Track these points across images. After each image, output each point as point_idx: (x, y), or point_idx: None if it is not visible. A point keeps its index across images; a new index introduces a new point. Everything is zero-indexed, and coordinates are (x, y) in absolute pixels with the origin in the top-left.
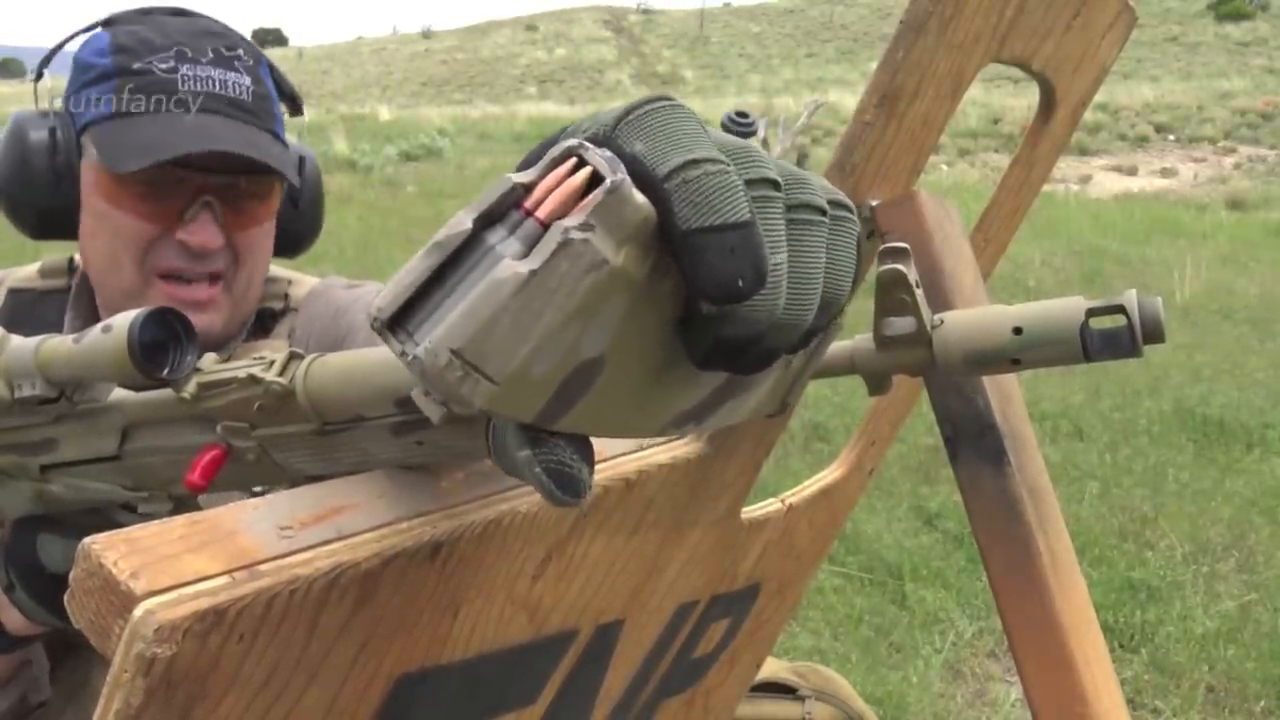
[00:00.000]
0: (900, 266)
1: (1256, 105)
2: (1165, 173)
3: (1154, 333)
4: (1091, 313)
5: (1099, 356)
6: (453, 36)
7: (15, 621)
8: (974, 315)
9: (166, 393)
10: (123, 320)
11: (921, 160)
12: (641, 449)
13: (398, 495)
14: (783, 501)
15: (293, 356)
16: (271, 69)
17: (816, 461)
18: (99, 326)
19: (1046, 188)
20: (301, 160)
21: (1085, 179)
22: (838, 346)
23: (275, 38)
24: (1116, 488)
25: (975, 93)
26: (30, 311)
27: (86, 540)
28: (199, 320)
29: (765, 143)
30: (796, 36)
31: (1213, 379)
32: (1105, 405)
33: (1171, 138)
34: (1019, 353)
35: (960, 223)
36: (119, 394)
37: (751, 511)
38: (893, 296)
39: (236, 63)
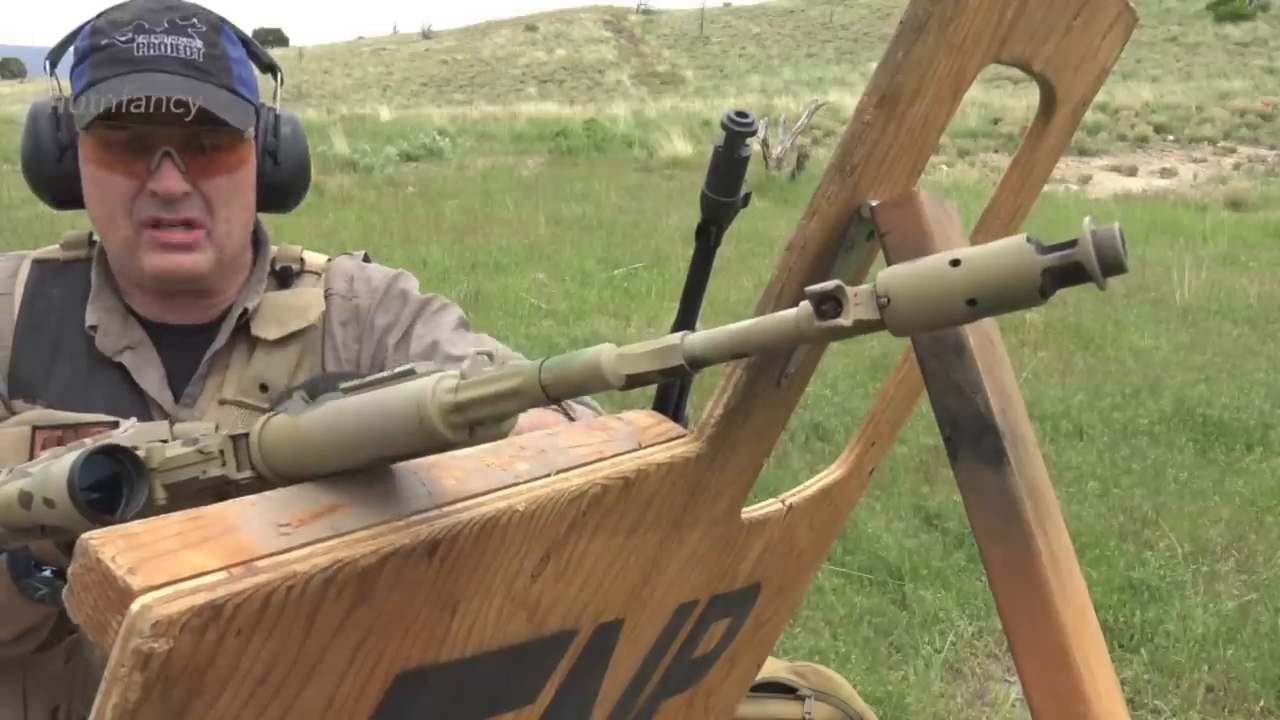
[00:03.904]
0: (837, 322)
1: (1256, 105)
2: (1165, 173)
3: (1113, 266)
4: (1048, 272)
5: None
6: (453, 36)
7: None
8: (922, 290)
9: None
10: (59, 484)
11: (921, 160)
12: (640, 448)
13: (396, 493)
14: (783, 501)
15: (236, 441)
16: (245, 41)
17: (816, 461)
18: (40, 498)
19: (1046, 188)
20: (276, 119)
21: (1085, 179)
22: (778, 318)
23: (275, 38)
24: (1116, 488)
25: (975, 93)
26: (55, 277)
27: (85, 535)
28: (185, 260)
29: (765, 143)
30: (796, 36)
31: (1213, 379)
32: (1105, 405)
33: (1171, 138)
34: (975, 316)
35: (960, 222)
36: None
37: (751, 511)
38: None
39: (190, 30)
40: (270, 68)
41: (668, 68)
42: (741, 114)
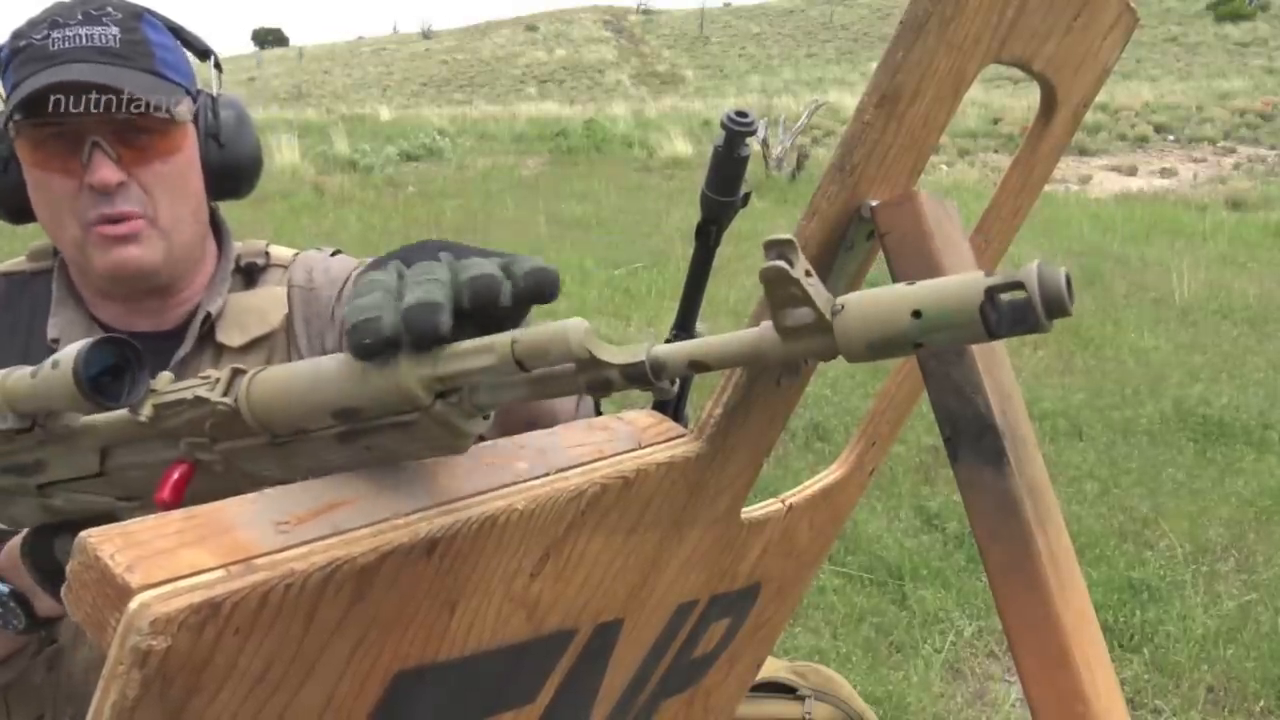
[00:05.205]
0: (780, 263)
1: (1256, 105)
2: (1165, 173)
3: (1056, 307)
4: (991, 291)
5: (1003, 334)
6: (453, 36)
7: (45, 605)
8: (873, 299)
9: (128, 414)
10: (69, 354)
11: (921, 160)
12: (640, 447)
13: (395, 491)
14: (783, 501)
15: (236, 373)
16: (175, 29)
17: (817, 461)
18: (49, 361)
19: (1046, 188)
20: (214, 101)
21: (1085, 179)
22: (740, 336)
23: (275, 38)
24: (1116, 487)
25: (975, 93)
26: (22, 290)
27: (83, 533)
28: (133, 253)
29: (765, 143)
30: (796, 36)
31: (1212, 379)
32: (1104, 405)
33: (1171, 138)
34: (921, 336)
35: (960, 222)
36: (90, 416)
37: (751, 511)
38: (782, 292)
39: (105, 18)
40: (205, 53)
41: (668, 68)
42: (741, 114)
